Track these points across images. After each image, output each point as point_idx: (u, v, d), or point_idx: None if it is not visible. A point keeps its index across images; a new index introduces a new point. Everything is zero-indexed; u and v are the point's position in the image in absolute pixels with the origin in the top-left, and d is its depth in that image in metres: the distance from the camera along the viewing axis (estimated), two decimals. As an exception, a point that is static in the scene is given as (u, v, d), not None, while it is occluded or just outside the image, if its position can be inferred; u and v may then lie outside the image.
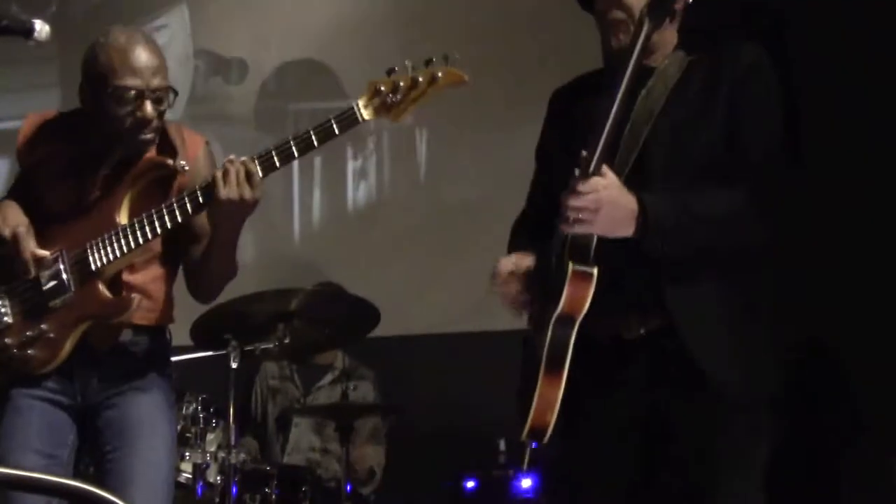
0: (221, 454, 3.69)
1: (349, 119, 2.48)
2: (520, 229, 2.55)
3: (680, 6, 2.32)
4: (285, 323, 3.82)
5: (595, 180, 2.14)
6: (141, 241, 2.57)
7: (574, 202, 2.14)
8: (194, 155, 2.74)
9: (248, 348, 3.74)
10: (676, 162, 2.26)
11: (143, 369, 2.73)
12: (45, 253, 2.63)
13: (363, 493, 4.36)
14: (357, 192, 5.37)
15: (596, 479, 2.31)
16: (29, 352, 2.61)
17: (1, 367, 2.64)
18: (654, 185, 2.24)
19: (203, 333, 3.79)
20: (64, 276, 2.60)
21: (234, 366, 3.67)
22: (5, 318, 2.62)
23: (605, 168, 2.16)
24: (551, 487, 3.86)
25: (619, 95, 2.17)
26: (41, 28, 2.43)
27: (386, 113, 2.47)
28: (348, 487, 3.95)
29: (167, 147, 2.71)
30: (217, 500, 3.68)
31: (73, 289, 2.60)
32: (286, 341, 3.79)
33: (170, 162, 2.63)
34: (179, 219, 2.55)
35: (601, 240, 2.18)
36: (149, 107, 2.59)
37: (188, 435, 3.78)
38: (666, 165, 2.26)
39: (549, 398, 2.17)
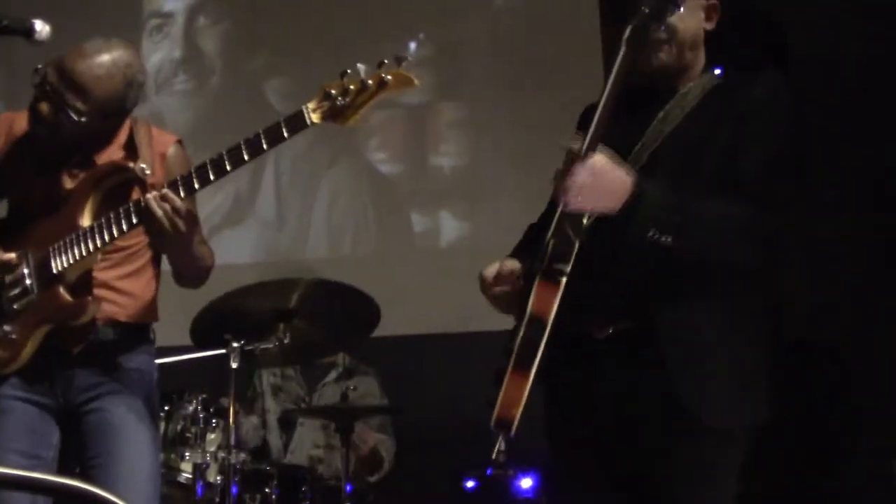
0: (221, 454, 3.69)
1: (298, 122, 2.46)
2: (529, 232, 2.57)
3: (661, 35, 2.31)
4: (285, 322, 3.82)
5: (589, 158, 2.16)
6: (99, 244, 2.56)
7: (569, 181, 2.15)
8: (162, 155, 2.72)
9: (249, 348, 3.75)
10: (677, 180, 2.25)
11: (123, 368, 2.71)
12: (10, 256, 2.63)
13: (366, 489, 4.36)
14: (358, 192, 5.37)
15: (578, 477, 2.34)
16: None
17: None
18: None
19: (203, 333, 3.79)
20: (27, 280, 2.61)
21: (234, 366, 3.67)
22: None
23: (598, 147, 2.18)
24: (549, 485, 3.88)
25: (606, 95, 2.20)
26: (41, 28, 2.43)
27: (333, 118, 2.45)
28: (348, 487, 3.94)
29: (132, 148, 2.69)
30: (217, 500, 3.67)
31: (35, 292, 2.60)
32: (286, 341, 3.79)
33: (131, 165, 2.60)
34: (125, 228, 2.54)
35: (582, 244, 2.19)
36: (44, 106, 2.59)
37: (188, 435, 3.78)
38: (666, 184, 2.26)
39: (515, 395, 2.18)
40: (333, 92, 2.44)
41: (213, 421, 3.86)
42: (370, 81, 2.42)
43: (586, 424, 2.30)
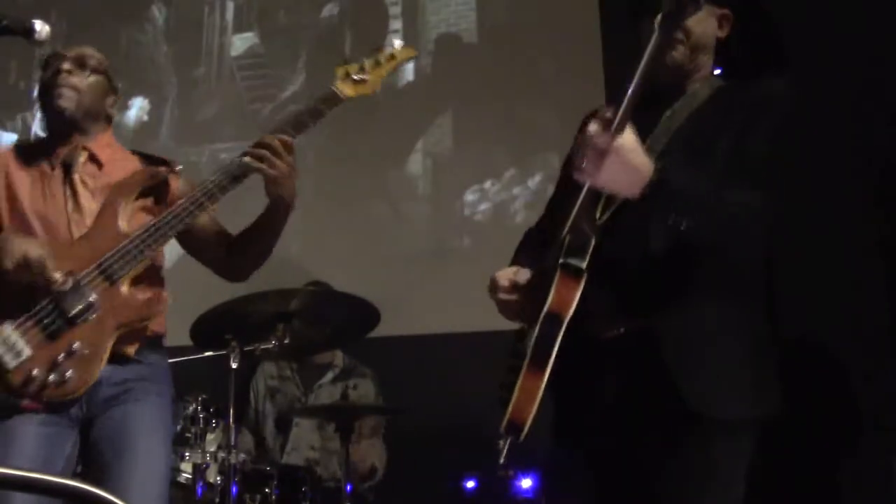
0: (221, 454, 3.69)
1: (333, 100, 2.77)
2: (527, 239, 2.57)
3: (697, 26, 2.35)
4: (285, 323, 3.82)
5: (619, 136, 2.08)
6: (161, 241, 2.66)
7: (594, 152, 2.07)
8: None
9: (248, 348, 3.75)
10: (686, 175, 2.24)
11: (143, 379, 2.75)
12: (57, 276, 2.61)
13: (363, 490, 4.36)
14: (358, 193, 5.37)
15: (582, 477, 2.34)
16: (67, 374, 2.57)
17: (36, 398, 2.58)
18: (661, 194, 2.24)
19: (203, 333, 3.79)
20: (90, 295, 2.61)
21: (234, 366, 3.67)
22: (24, 351, 2.56)
23: (627, 128, 2.11)
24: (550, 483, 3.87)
25: (637, 77, 2.14)
26: (41, 28, 2.43)
27: (363, 88, 2.81)
28: (348, 487, 3.94)
29: (152, 163, 2.85)
30: (217, 500, 3.67)
31: (100, 304, 2.61)
32: (286, 341, 3.79)
33: (161, 169, 2.75)
34: (207, 205, 2.67)
35: (598, 242, 2.18)
36: (65, 64, 2.82)
37: (188, 435, 3.79)
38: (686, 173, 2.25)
39: (531, 392, 2.15)
40: (350, 72, 2.81)
41: (213, 421, 3.86)
42: (382, 59, 2.84)
43: (592, 426, 2.29)
